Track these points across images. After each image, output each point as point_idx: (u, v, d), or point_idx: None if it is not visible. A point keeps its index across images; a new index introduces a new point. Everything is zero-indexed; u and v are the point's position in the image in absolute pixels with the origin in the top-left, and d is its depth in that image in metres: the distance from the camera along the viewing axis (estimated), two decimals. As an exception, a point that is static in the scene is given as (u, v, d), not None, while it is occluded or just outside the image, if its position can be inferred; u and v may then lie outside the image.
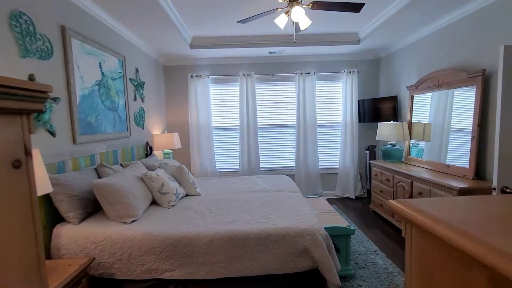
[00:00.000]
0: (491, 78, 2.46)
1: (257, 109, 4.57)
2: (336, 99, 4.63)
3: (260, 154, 4.63)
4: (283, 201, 2.42)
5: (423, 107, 3.41)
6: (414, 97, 3.52)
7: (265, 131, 4.66)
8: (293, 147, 4.65)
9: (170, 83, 4.55)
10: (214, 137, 4.59)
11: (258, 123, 4.61)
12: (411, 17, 2.95)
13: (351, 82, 4.43)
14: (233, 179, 3.50)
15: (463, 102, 2.83)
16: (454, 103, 2.96)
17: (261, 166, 4.67)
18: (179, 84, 4.54)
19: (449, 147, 2.97)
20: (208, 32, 3.62)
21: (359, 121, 4.51)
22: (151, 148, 3.54)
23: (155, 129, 4.03)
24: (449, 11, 2.80)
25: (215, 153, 4.61)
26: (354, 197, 4.55)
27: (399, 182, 3.18)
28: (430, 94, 3.22)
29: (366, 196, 4.66)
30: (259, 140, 4.60)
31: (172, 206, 2.35)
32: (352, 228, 2.28)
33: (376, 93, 4.62)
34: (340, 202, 4.43)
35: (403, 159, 3.66)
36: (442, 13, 2.85)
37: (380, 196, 3.64)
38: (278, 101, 4.63)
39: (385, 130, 3.59)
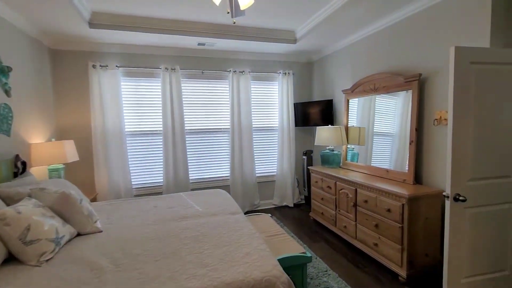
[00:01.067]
0: (426, 83, 2.48)
1: (184, 111, 3.85)
2: (272, 102, 4.33)
3: (189, 164, 3.91)
4: (223, 232, 1.84)
5: (356, 111, 3.38)
6: (350, 101, 3.48)
7: (194, 136, 3.98)
8: (227, 155, 4.11)
9: (61, 74, 3.37)
10: (128, 145, 3.63)
11: (186, 128, 3.89)
12: (348, 17, 2.82)
13: (286, 84, 4.20)
14: (155, 199, 2.71)
15: (385, 108, 2.87)
16: (376, 108, 2.99)
17: (190, 178, 3.95)
18: (75, 75, 3.41)
19: (373, 150, 2.98)
20: (114, 7, 2.74)
21: (296, 125, 4.32)
22: (24, 164, 2.42)
23: (34, 136, 2.85)
24: (386, 14, 2.77)
25: (130, 166, 3.65)
26: (292, 205, 4.31)
27: (341, 189, 3.02)
28: (363, 98, 3.20)
29: (304, 202, 4.51)
30: (187, 148, 3.88)
31: (47, 260, 1.47)
32: (309, 255, 1.88)
33: (311, 96, 4.53)
34: (279, 212, 4.12)
35: (341, 164, 3.58)
36: (379, 16, 2.82)
37: (321, 204, 3.45)
38: (209, 102, 4.01)
39: (324, 135, 3.44)
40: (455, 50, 1.75)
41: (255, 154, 4.23)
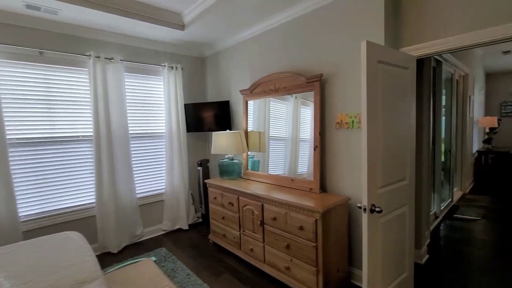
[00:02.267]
0: (326, 84, 2.35)
1: (4, 111, 2.45)
2: (157, 102, 3.46)
3: (18, 191, 2.51)
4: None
5: (254, 114, 3.05)
6: (249, 103, 3.10)
7: (23, 149, 2.61)
8: (91, 173, 2.94)
9: None
10: None
11: (8, 136, 2.49)
12: (243, 5, 2.41)
13: (174, 80, 3.43)
14: None
15: (278, 111, 2.68)
16: (271, 111, 2.78)
17: (22, 216, 2.55)
18: None
19: (270, 157, 2.74)
20: None
21: (188, 131, 3.61)
22: None
23: None
24: (286, 7, 2.52)
25: None
26: (187, 227, 3.57)
27: (246, 205, 2.56)
28: (260, 100, 2.89)
29: (201, 221, 3.83)
30: (12, 168, 2.49)
31: None
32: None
33: (205, 97, 3.93)
34: (171, 239, 3.29)
35: (242, 174, 3.15)
36: (278, 8, 2.54)
37: (222, 224, 2.90)
38: (55, 99, 2.74)
39: (222, 141, 2.91)
40: (367, 45, 1.57)
41: (135, 169, 3.23)
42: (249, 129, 3.10)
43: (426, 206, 2.79)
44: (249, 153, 3.12)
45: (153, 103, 3.42)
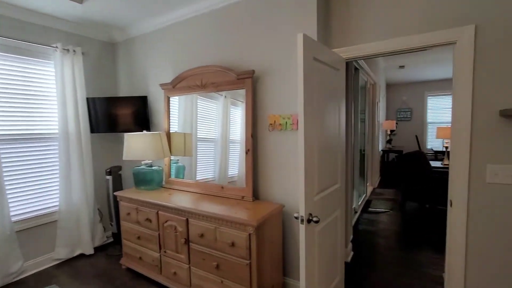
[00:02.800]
0: (258, 82, 2.16)
1: None
2: (46, 94, 2.65)
3: None
4: None
5: (179, 113, 2.64)
6: (172, 100, 2.67)
7: None
8: None
9: None
10: None
11: None
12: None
13: (71, 67, 2.70)
14: None
15: (207, 111, 2.41)
16: (199, 110, 2.48)
17: None
18: None
19: (198, 160, 2.44)
20: None
21: (93, 131, 2.91)
22: None
23: None
24: (210, -8, 2.21)
25: None
26: (92, 251, 2.86)
27: (167, 221, 2.14)
28: (187, 96, 2.52)
29: (112, 241, 3.16)
30: None
31: None
32: None
33: (117, 90, 3.26)
34: (68, 270, 2.56)
35: (163, 183, 2.69)
36: (202, -8, 2.21)
37: (138, 246, 2.39)
38: None
39: (138, 145, 2.40)
40: (304, 39, 1.41)
41: (8, 184, 2.39)
42: (173, 130, 2.67)
43: (350, 204, 2.92)
44: (172, 157, 2.69)
45: (39, 95, 2.61)
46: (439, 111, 7.57)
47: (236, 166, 2.26)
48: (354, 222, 3.67)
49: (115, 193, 2.56)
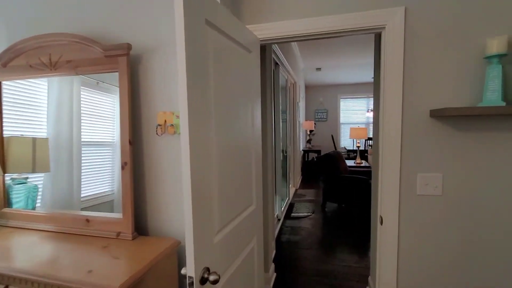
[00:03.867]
0: (140, 65, 1.48)
1: None
2: None
3: None
4: None
5: (30, 105, 1.71)
6: (4, 85, 1.70)
7: None
8: None
9: None
10: None
11: None
12: None
13: None
14: None
15: (95, 103, 1.63)
16: (82, 101, 1.66)
17: None
18: None
19: (82, 178, 1.64)
20: None
21: None
22: None
23: None
24: None
25: None
26: None
27: (-25, 290, 1.25)
28: (39, 80, 1.63)
29: None
30: None
31: None
32: None
33: None
34: None
35: (-7, 217, 1.70)
36: None
37: None
38: None
39: None
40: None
41: None
42: (9, 133, 1.72)
43: (271, 216, 2.54)
44: (12, 176, 1.73)
45: None
46: (350, 112, 8.25)
47: (114, 181, 1.52)
48: (277, 233, 3.35)
49: None
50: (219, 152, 1.05)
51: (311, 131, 7.43)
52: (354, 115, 8.19)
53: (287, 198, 4.53)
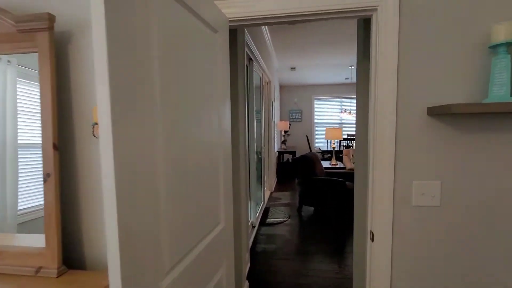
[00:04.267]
0: (70, 45, 1.13)
1: None
2: None
3: None
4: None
5: None
6: None
7: None
8: None
9: None
10: None
11: None
12: None
13: None
14: None
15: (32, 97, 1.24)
16: (19, 97, 1.25)
17: None
18: None
19: (21, 187, 1.23)
20: None
21: None
22: None
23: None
24: None
25: None
26: None
27: None
28: None
29: None
30: None
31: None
32: None
33: None
34: None
35: None
36: None
37: None
38: None
39: None
40: None
41: None
42: None
43: (245, 226, 2.27)
44: None
45: None
46: (324, 113, 8.26)
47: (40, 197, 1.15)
48: (252, 242, 3.09)
49: None
50: (169, 166, 0.75)
51: (286, 131, 7.29)
52: (328, 116, 8.21)
53: (262, 203, 4.29)
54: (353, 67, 6.30)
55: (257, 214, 3.72)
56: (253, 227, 3.40)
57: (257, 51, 3.29)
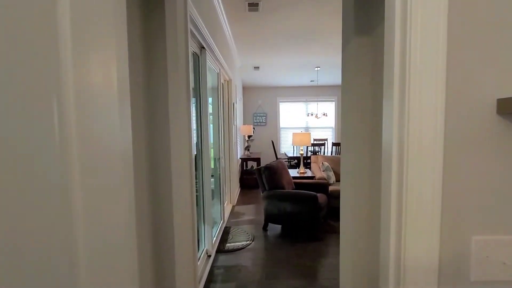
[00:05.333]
0: None
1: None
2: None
3: None
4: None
5: None
6: None
7: None
8: None
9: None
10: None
11: None
12: None
13: None
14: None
15: None
16: None
17: None
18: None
19: None
20: None
21: None
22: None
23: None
24: None
25: None
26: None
27: None
28: None
29: None
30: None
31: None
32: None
33: None
34: None
35: None
36: None
37: None
38: None
39: None
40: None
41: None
42: None
43: (192, 272, 1.59)
44: None
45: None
46: (289, 117, 7.88)
47: None
48: (206, 280, 2.40)
49: None
50: None
51: (249, 136, 6.71)
52: (293, 120, 7.85)
53: (221, 221, 3.62)
54: (319, 68, 5.98)
55: (214, 238, 3.04)
56: (209, 256, 2.72)
57: (211, 38, 2.65)
